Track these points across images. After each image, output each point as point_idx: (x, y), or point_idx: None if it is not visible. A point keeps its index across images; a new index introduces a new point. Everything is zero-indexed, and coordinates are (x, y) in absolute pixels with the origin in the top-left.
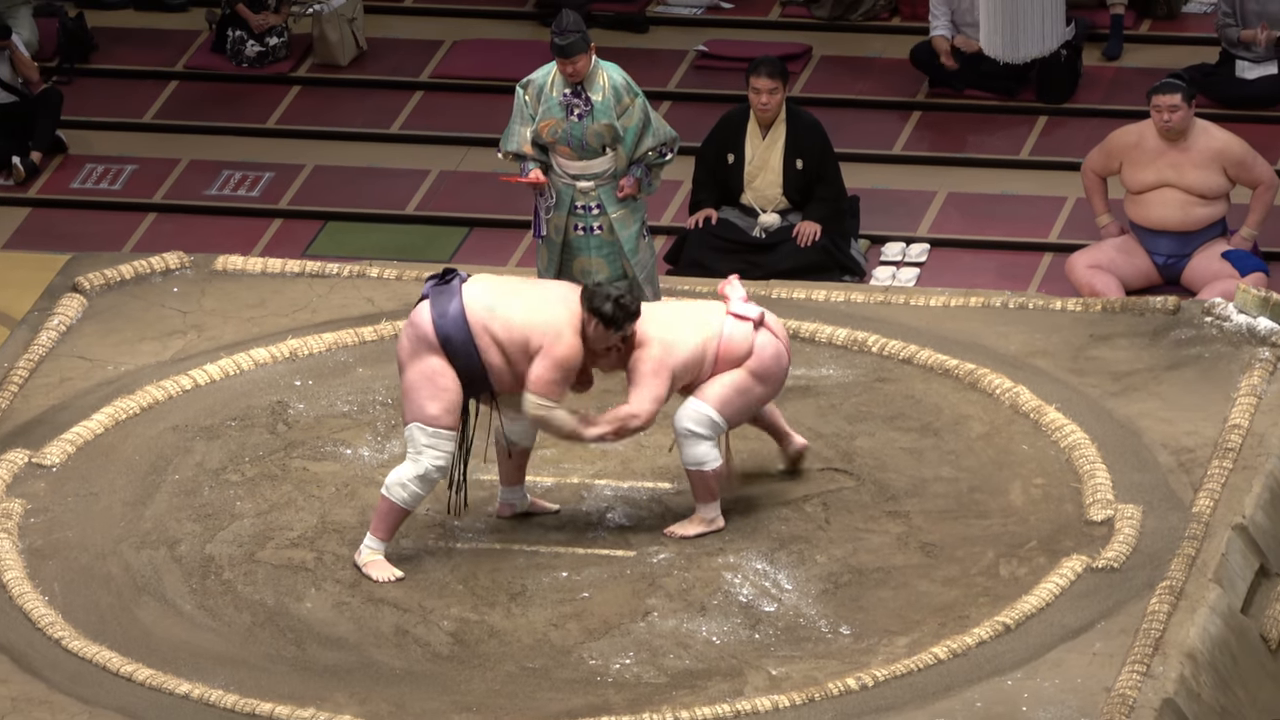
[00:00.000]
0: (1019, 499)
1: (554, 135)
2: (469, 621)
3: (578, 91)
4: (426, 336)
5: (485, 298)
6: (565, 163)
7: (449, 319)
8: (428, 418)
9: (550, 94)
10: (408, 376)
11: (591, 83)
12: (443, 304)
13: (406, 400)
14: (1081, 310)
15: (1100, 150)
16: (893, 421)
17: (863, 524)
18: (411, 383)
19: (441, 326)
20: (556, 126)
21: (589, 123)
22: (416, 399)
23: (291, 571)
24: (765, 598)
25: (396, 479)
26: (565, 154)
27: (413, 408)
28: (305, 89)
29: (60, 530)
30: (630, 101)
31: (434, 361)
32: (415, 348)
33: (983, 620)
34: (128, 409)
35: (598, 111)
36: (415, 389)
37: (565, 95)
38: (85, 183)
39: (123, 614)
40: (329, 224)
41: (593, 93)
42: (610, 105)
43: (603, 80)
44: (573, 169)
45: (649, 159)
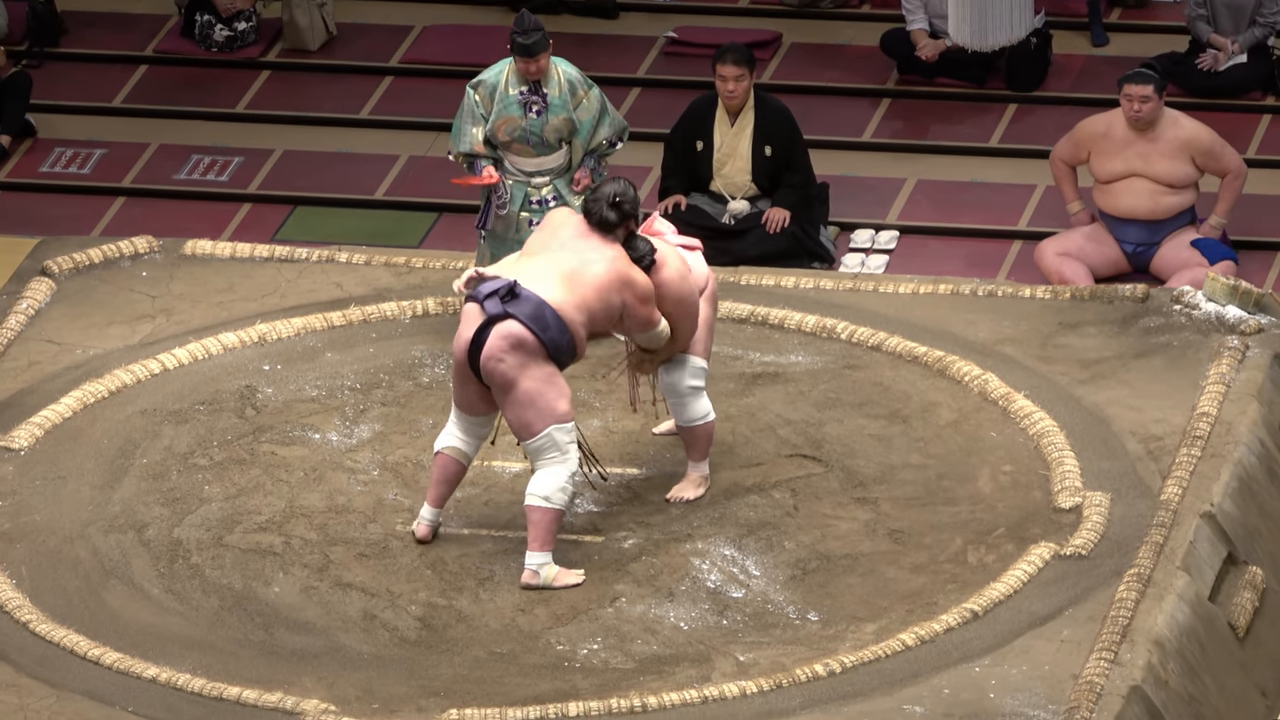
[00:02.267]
0: (987, 486)
1: (511, 134)
2: (437, 606)
3: (535, 89)
4: (531, 346)
5: (557, 290)
6: (520, 160)
7: (551, 327)
8: (561, 415)
9: (506, 93)
10: (523, 388)
11: (546, 79)
12: (530, 310)
13: (529, 410)
14: (1050, 298)
15: (1068, 140)
16: (861, 408)
17: (831, 511)
18: (532, 391)
19: (548, 337)
20: (514, 125)
21: (547, 119)
22: (544, 403)
23: (259, 556)
24: (733, 584)
25: (553, 486)
26: (521, 151)
27: (543, 413)
28: (275, 74)
29: (28, 514)
30: (585, 94)
31: (546, 365)
32: (522, 361)
33: (951, 607)
34: (96, 393)
35: (554, 107)
36: (540, 395)
37: (522, 93)
38: (54, 166)
39: (90, 597)
40: (298, 209)
41: (549, 89)
42: (567, 100)
43: (557, 75)
44: (528, 166)
45: (601, 149)
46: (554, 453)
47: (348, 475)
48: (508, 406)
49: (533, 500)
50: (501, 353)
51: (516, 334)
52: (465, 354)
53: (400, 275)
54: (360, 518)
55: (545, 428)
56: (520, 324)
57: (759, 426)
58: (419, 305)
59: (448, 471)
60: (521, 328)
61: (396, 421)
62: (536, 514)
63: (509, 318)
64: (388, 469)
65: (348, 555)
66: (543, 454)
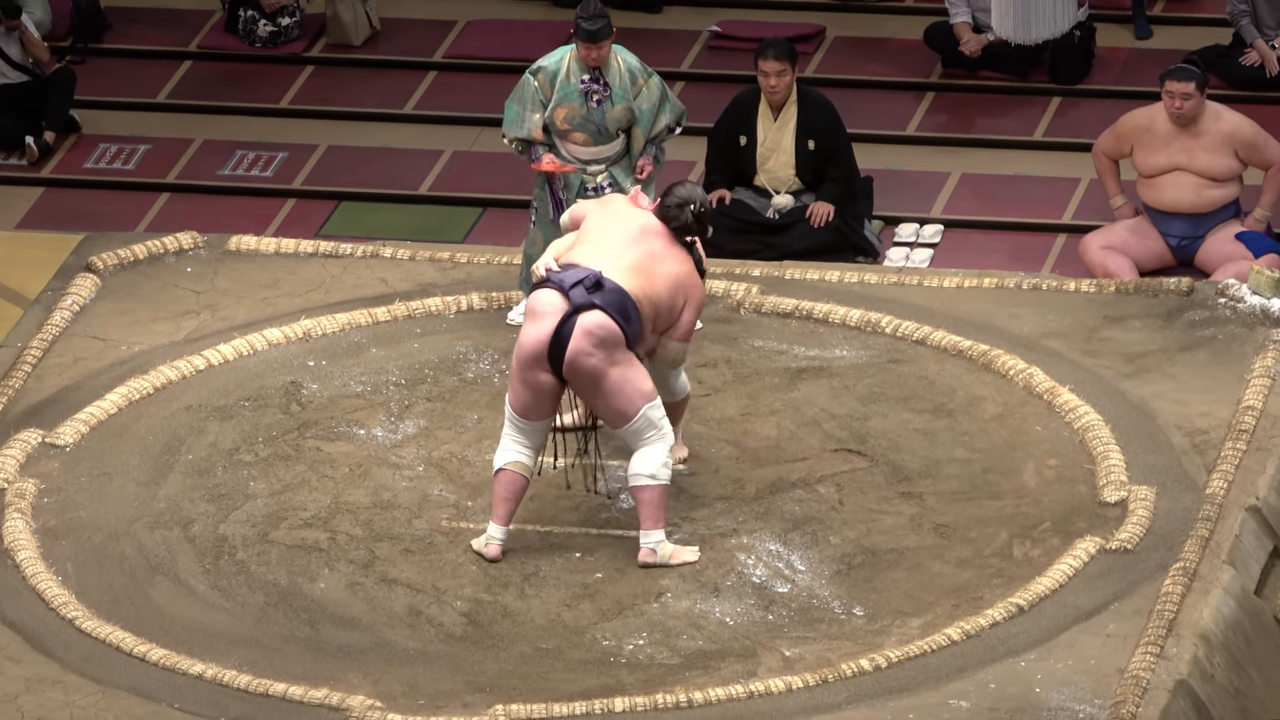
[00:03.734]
0: (1032, 480)
1: (570, 122)
2: (482, 602)
3: (596, 77)
4: (616, 338)
5: (634, 281)
6: (576, 148)
7: (632, 318)
8: (650, 393)
9: (567, 81)
10: (612, 379)
11: (607, 67)
12: (614, 301)
13: (621, 397)
14: (1095, 291)
15: (1111, 133)
16: (906, 403)
17: (876, 505)
18: (620, 379)
19: (630, 329)
20: (575, 114)
21: (608, 108)
22: (632, 387)
23: (305, 552)
24: (779, 579)
25: (656, 462)
26: (578, 140)
27: (634, 396)
28: (318, 69)
29: (74, 510)
30: (645, 82)
31: (626, 352)
32: (609, 353)
33: (996, 601)
34: (141, 389)
35: (616, 96)
36: (627, 380)
37: (584, 82)
38: (99, 162)
39: (136, 594)
40: (342, 204)
41: (610, 77)
42: (627, 89)
43: (618, 64)
44: (585, 154)
45: (662, 136)
46: (651, 431)
47: (393, 471)
48: (597, 398)
49: (640, 480)
50: (591, 347)
51: (605, 326)
52: (544, 349)
53: (444, 270)
54: (405, 513)
55: (640, 409)
56: (607, 315)
57: (804, 421)
58: (463, 300)
59: (514, 488)
60: (609, 320)
61: (441, 417)
62: (646, 493)
63: (595, 308)
64: (433, 464)
65: (393, 551)
66: (641, 435)
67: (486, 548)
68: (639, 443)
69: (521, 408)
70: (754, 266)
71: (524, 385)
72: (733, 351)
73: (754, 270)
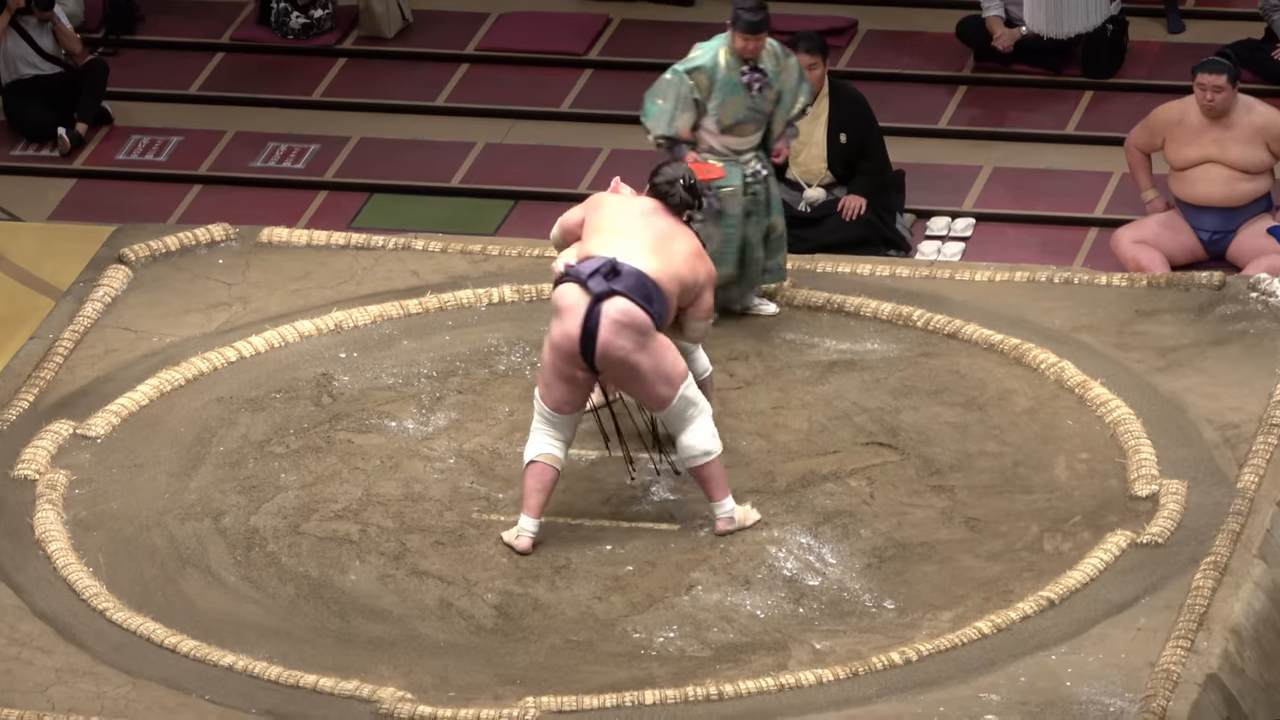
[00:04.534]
0: (1063, 474)
1: (737, 117)
2: (513, 594)
3: (754, 66)
4: (643, 323)
5: (652, 261)
6: (736, 140)
7: (655, 299)
8: (684, 373)
9: (729, 76)
10: (646, 365)
11: (761, 54)
12: (634, 284)
13: (658, 383)
14: (1126, 285)
15: (1143, 127)
16: (937, 396)
17: (907, 498)
18: (654, 365)
19: (654, 309)
20: (740, 107)
21: (767, 94)
22: (667, 370)
23: (336, 544)
24: (809, 572)
25: (706, 436)
26: (740, 132)
27: (671, 379)
28: (351, 61)
29: (105, 502)
30: (785, 63)
31: (657, 335)
32: (638, 339)
33: (1027, 595)
34: (173, 380)
35: (772, 81)
36: (662, 362)
37: (744, 73)
38: (131, 154)
39: (167, 585)
40: (374, 196)
41: (764, 64)
42: (778, 72)
43: (767, 50)
44: (742, 145)
45: (796, 116)
46: (691, 408)
47: (424, 463)
48: (633, 385)
49: (698, 460)
50: (619, 338)
51: (629, 314)
52: (576, 345)
53: (476, 263)
54: (436, 506)
55: (677, 392)
56: (630, 300)
57: (835, 414)
58: (495, 293)
59: (545, 480)
60: (632, 305)
61: (473, 409)
62: (708, 469)
63: (615, 295)
64: (464, 457)
65: (424, 543)
66: (683, 415)
67: (517, 540)
68: (682, 423)
69: (555, 403)
70: (786, 260)
71: (559, 381)
72: (764, 344)
73: (786, 264)
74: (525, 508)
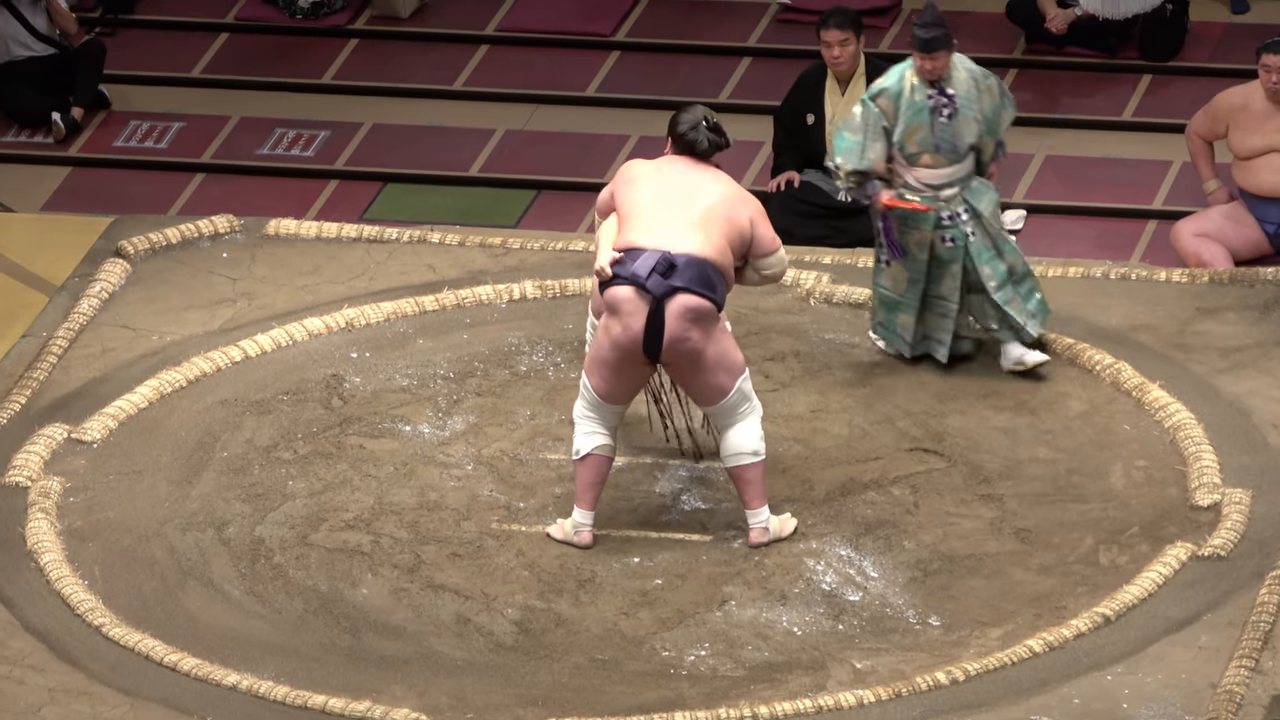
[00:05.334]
0: (1120, 482)
1: (922, 144)
2: (535, 610)
3: (941, 90)
4: (710, 313)
5: (699, 241)
6: (926, 173)
7: (715, 284)
8: (742, 365)
9: (913, 99)
10: (710, 355)
11: (950, 78)
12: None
13: (719, 372)
14: (1187, 282)
15: (1205, 113)
16: (986, 399)
17: (953, 508)
18: (717, 354)
19: (717, 296)
20: (925, 134)
21: (957, 123)
22: (729, 361)
23: (346, 556)
24: (850, 586)
25: (756, 436)
26: (929, 163)
27: (731, 370)
28: (363, 42)
29: (101, 510)
30: (987, 86)
31: (719, 322)
32: (704, 329)
33: (1081, 611)
34: (173, 382)
35: (963, 109)
36: (725, 354)
37: (931, 97)
38: (129, 141)
39: (167, 600)
40: (388, 186)
41: (954, 89)
42: (973, 97)
43: (961, 74)
44: (935, 178)
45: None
46: (744, 404)
47: (440, 470)
48: (695, 376)
49: (744, 459)
50: (687, 331)
51: (696, 307)
52: (640, 345)
53: (496, 257)
54: (453, 515)
55: (735, 383)
56: (695, 295)
57: (877, 418)
58: (516, 289)
59: (603, 471)
60: (699, 299)
61: (492, 413)
62: (751, 471)
63: (679, 292)
64: (482, 463)
65: (440, 555)
66: (735, 409)
67: (577, 535)
68: (733, 418)
69: (612, 395)
70: (825, 253)
71: (618, 377)
72: (802, 344)
73: (825, 258)
74: (581, 501)
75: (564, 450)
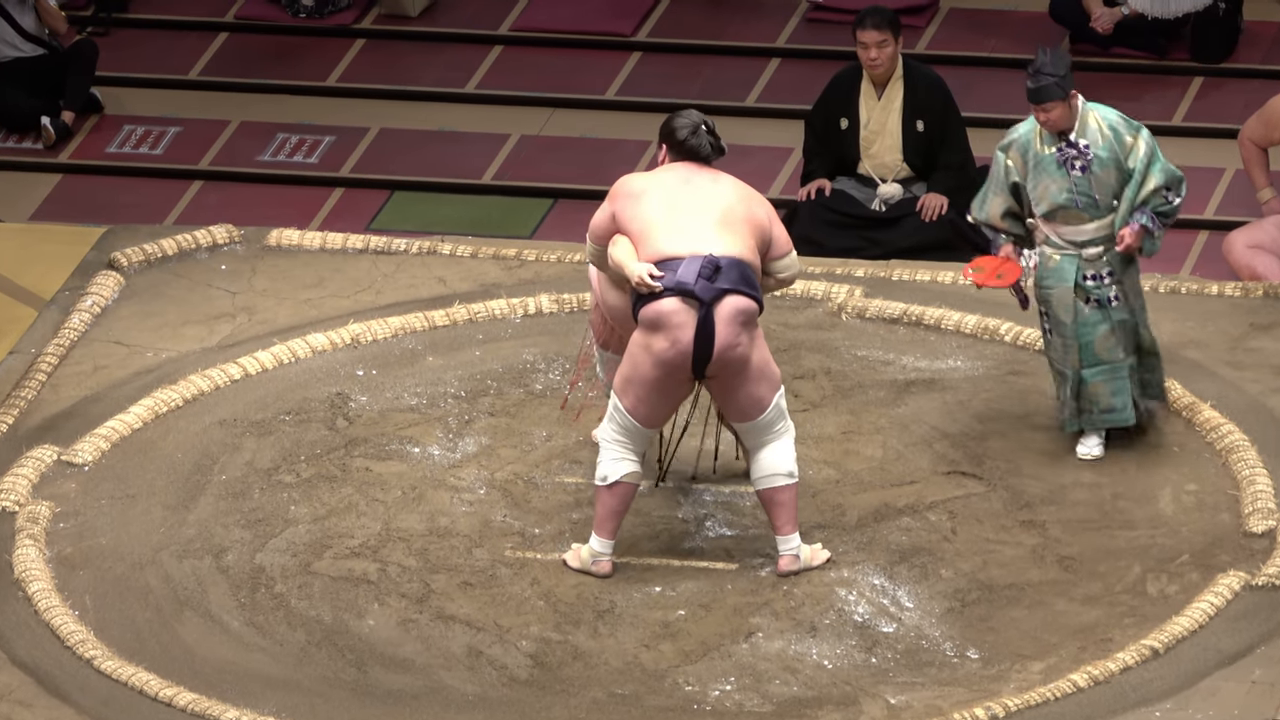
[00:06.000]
0: (1169, 507)
1: (1055, 201)
2: (550, 642)
3: (1071, 142)
4: (756, 315)
5: (731, 241)
6: (1066, 229)
7: (757, 284)
8: (780, 379)
9: (1041, 152)
10: (755, 362)
11: (1083, 128)
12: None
13: (761, 382)
14: (1240, 296)
15: (1258, 118)
16: (1027, 419)
17: (993, 535)
18: (761, 362)
19: (759, 297)
20: (1058, 188)
21: (1093, 176)
22: (770, 370)
23: (352, 585)
24: (883, 617)
25: (791, 457)
26: (1067, 219)
27: (771, 381)
28: (370, 42)
29: (93, 537)
30: (1134, 139)
31: (758, 327)
32: (752, 333)
33: (1128, 643)
34: (169, 401)
35: (1100, 161)
36: (766, 363)
37: (1059, 150)
38: (123, 146)
39: (162, 631)
40: (396, 194)
41: (1087, 140)
42: (1114, 149)
43: (1095, 124)
44: (1077, 235)
45: (1155, 203)
46: (781, 421)
47: (451, 494)
48: (739, 386)
49: (778, 481)
50: (738, 336)
51: (746, 309)
52: (689, 360)
53: (510, 269)
54: (465, 542)
55: (774, 397)
56: (745, 296)
57: (912, 440)
58: (531, 303)
59: (628, 500)
60: (746, 299)
61: (506, 434)
62: (785, 493)
63: (726, 294)
64: (495, 487)
65: (450, 584)
66: (771, 427)
67: (595, 564)
68: (768, 436)
69: (649, 418)
70: (857, 266)
71: (660, 397)
72: (833, 362)
73: (857, 270)
74: (602, 530)
75: (581, 473)
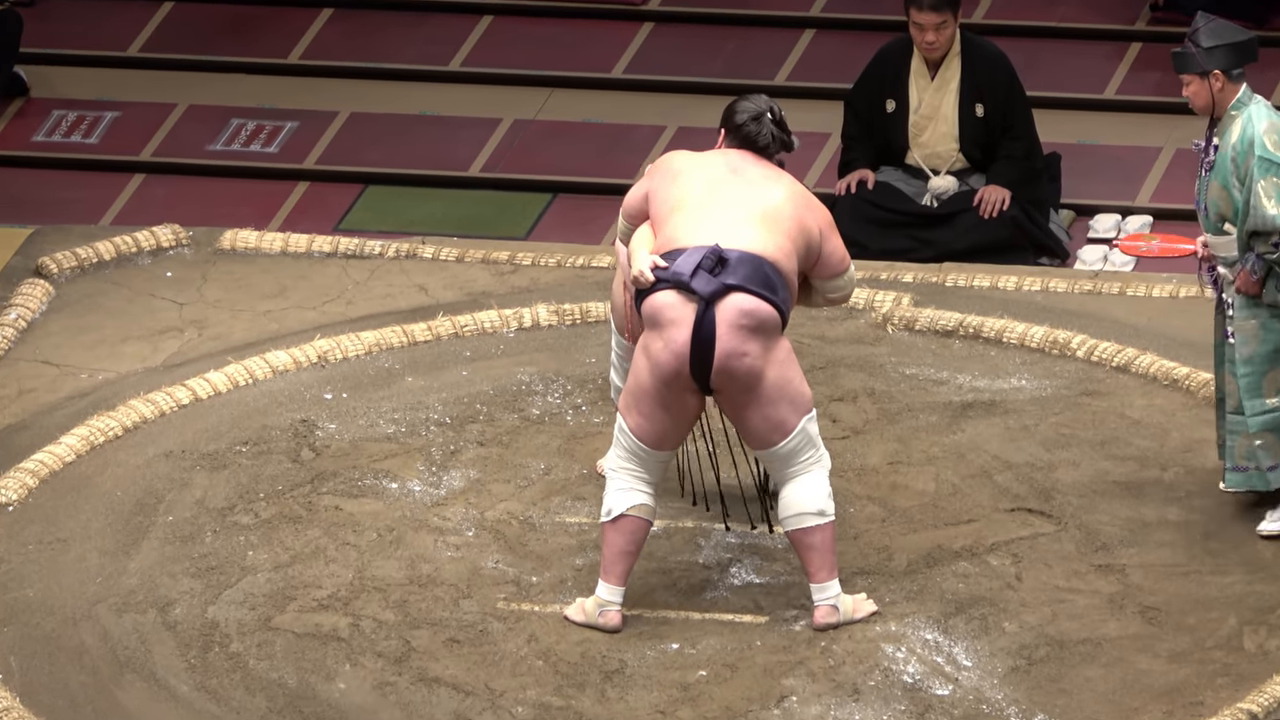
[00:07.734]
0: (1268, 550)
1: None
2: (550, 707)
3: (1209, 136)
4: (770, 320)
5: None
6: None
7: (777, 286)
8: (810, 401)
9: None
10: (770, 379)
11: (1227, 126)
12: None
13: (781, 404)
14: None
15: None
16: (1103, 448)
17: (1064, 582)
18: (780, 380)
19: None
20: (1198, 188)
21: (1209, 182)
22: (793, 390)
23: (320, 642)
24: (937, 677)
25: (823, 493)
26: (1202, 228)
27: (795, 403)
28: (339, 13)
29: (18, 588)
30: (1248, 164)
31: (783, 340)
32: (764, 344)
33: (1221, 708)
34: (106, 430)
35: (1217, 168)
36: (788, 382)
37: (1197, 144)
38: (52, 135)
39: (99, 696)
40: (369, 189)
41: (1220, 140)
42: (1231, 166)
43: (1239, 128)
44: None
45: (1260, 249)
46: (809, 451)
47: (434, 537)
48: (751, 406)
49: (809, 520)
50: (743, 344)
51: (753, 311)
52: (685, 363)
53: (502, 275)
54: (451, 592)
55: (800, 422)
56: (751, 295)
57: (970, 472)
58: (526, 314)
59: (639, 538)
60: (755, 300)
61: (497, 466)
62: (818, 535)
63: (731, 291)
64: (486, 528)
65: (434, 641)
66: (797, 456)
67: (602, 617)
68: (794, 467)
69: (655, 438)
70: (905, 270)
71: (663, 411)
72: (877, 381)
73: (905, 275)
74: (608, 575)
75: (585, 512)
